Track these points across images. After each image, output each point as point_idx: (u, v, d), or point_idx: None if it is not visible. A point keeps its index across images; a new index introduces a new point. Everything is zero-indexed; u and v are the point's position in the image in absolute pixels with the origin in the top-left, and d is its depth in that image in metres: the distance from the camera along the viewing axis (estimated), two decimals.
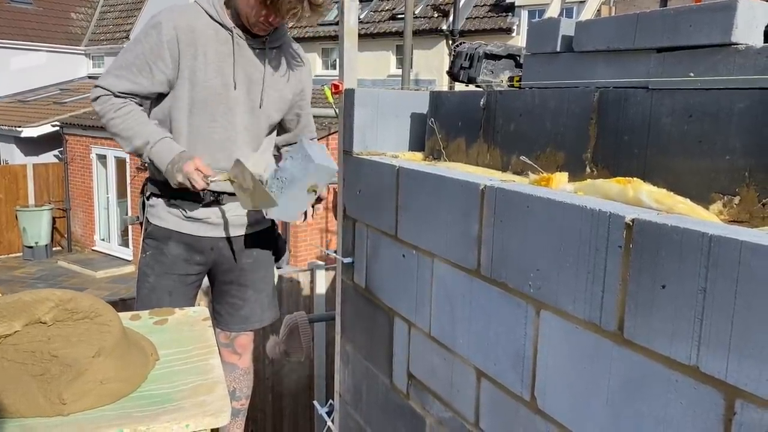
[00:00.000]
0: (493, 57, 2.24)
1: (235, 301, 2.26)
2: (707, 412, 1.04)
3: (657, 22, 1.44)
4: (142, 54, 1.98)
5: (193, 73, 1.99)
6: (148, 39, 2.00)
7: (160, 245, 2.14)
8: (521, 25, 12.71)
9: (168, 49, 1.97)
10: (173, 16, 2.00)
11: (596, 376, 1.26)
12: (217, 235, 2.15)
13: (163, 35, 1.97)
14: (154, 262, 2.15)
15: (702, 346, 1.04)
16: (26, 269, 12.07)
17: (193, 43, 1.99)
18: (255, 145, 2.15)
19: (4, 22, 17.49)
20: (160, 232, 2.13)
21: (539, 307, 1.40)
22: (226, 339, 2.30)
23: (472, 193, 1.60)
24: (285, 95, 2.16)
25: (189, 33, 1.98)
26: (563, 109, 1.63)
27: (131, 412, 1.18)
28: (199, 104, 2.02)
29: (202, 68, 2.00)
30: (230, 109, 2.05)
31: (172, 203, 2.10)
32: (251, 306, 2.28)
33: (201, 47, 1.99)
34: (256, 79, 2.07)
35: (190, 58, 1.99)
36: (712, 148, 1.28)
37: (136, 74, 1.99)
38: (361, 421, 2.38)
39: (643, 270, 1.14)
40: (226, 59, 2.01)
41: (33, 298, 1.23)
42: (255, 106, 2.09)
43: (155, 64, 1.97)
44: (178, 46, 1.98)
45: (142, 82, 1.99)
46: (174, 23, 1.98)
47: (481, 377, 1.62)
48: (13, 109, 15.62)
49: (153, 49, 1.97)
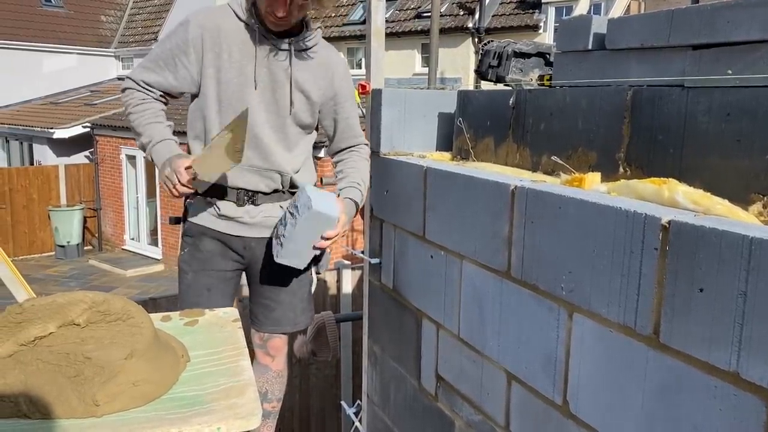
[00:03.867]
0: (522, 55, 2.21)
1: (268, 303, 2.24)
2: (747, 419, 1.01)
3: (693, 19, 1.41)
4: (169, 49, 2.05)
5: (218, 71, 2.03)
6: (176, 36, 2.06)
7: (196, 241, 2.16)
8: (548, 22, 12.57)
9: (192, 46, 2.02)
10: (201, 15, 2.06)
11: (630, 381, 1.23)
12: (249, 234, 2.14)
13: (189, 33, 2.02)
14: (191, 259, 2.18)
15: (742, 352, 1.01)
16: (58, 268, 12.29)
17: (219, 42, 2.02)
18: (286, 145, 2.13)
19: (37, 26, 17.84)
20: (195, 228, 2.16)
21: (572, 310, 1.37)
22: (260, 340, 2.30)
23: (502, 194, 1.58)
24: (313, 99, 2.12)
25: (215, 32, 2.02)
26: (595, 108, 1.60)
27: (163, 414, 1.18)
28: (225, 102, 2.05)
29: (227, 67, 2.03)
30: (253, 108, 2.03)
31: (208, 201, 2.12)
32: (284, 309, 2.25)
33: (226, 46, 2.02)
34: (280, 79, 2.06)
35: (214, 57, 2.02)
36: (751, 148, 1.25)
37: (162, 67, 2.05)
38: (389, 422, 2.38)
39: (679, 273, 1.11)
40: (249, 59, 2.04)
41: (67, 300, 1.24)
42: (281, 106, 2.09)
43: (180, 60, 2.03)
44: (202, 45, 2.02)
45: (167, 76, 2.05)
46: (201, 22, 2.03)
47: (512, 380, 1.60)
48: (45, 110, 15.93)
49: (179, 45, 2.03)
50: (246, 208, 2.11)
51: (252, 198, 2.11)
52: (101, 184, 13.81)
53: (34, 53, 17.50)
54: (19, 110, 16.34)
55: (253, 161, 2.07)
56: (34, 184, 13.13)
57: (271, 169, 2.09)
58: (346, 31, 14.93)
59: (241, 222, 2.13)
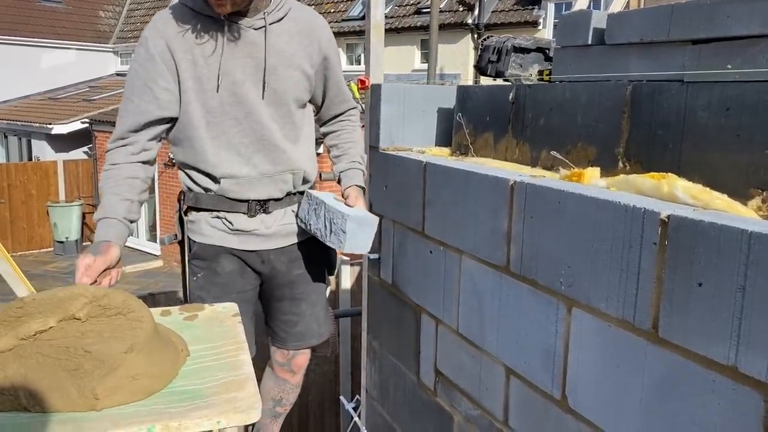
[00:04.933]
0: (522, 50, 2.21)
1: (289, 318, 2.06)
2: (746, 413, 1.02)
3: (692, 13, 1.41)
4: (138, 78, 1.77)
5: (198, 80, 1.78)
6: (138, 60, 1.78)
7: (211, 264, 1.92)
8: (547, 18, 12.56)
9: (162, 62, 1.76)
10: (157, 26, 1.77)
11: (629, 375, 1.24)
12: (267, 247, 1.94)
13: (152, 49, 1.76)
14: (209, 284, 1.93)
15: (741, 346, 1.01)
16: (57, 264, 12.28)
17: (188, 47, 1.76)
18: (293, 136, 1.92)
19: (35, 21, 17.80)
20: (208, 250, 1.92)
21: (571, 305, 1.38)
22: (283, 358, 2.12)
23: (501, 189, 1.58)
24: (307, 71, 1.90)
25: (179, 38, 1.76)
26: (595, 103, 1.60)
27: (162, 408, 1.18)
28: (216, 112, 1.81)
29: (205, 72, 1.78)
30: (250, 106, 1.84)
31: (216, 216, 1.90)
32: (307, 321, 2.07)
33: (198, 49, 1.77)
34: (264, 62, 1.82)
35: (189, 65, 1.77)
36: (751, 142, 1.25)
37: (137, 104, 1.77)
38: (387, 417, 2.38)
39: (678, 268, 1.11)
40: (226, 53, 1.79)
41: (67, 294, 1.24)
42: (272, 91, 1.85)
43: (155, 84, 1.76)
44: (172, 57, 1.76)
45: (148, 108, 1.77)
46: (159, 33, 1.76)
47: (511, 375, 1.61)
48: (44, 106, 15.91)
49: (145, 67, 1.76)
50: (259, 218, 1.91)
51: (264, 206, 1.91)
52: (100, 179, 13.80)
53: (32, 49, 17.46)
54: (18, 106, 16.31)
55: (263, 167, 1.87)
56: (32, 179, 13.12)
57: (284, 170, 1.90)
58: (345, 27, 14.90)
59: (257, 234, 1.92)
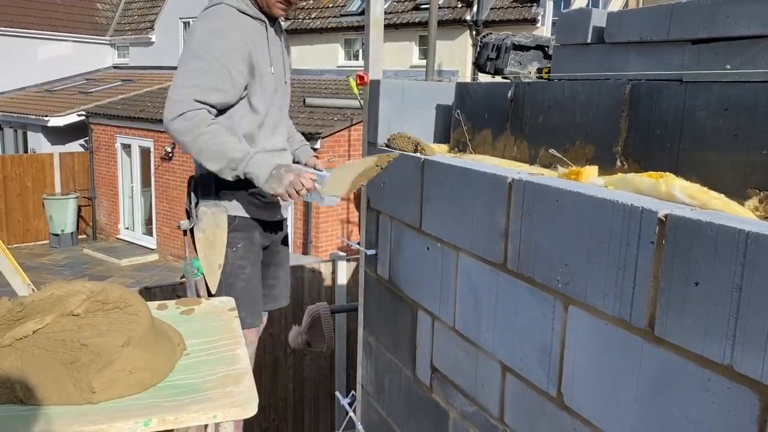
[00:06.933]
0: (521, 48, 2.21)
1: (269, 282, 2.39)
2: (741, 412, 1.02)
3: (693, 13, 1.41)
4: (216, 60, 2.00)
5: (259, 65, 2.14)
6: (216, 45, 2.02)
7: (250, 235, 2.23)
8: (546, 15, 12.55)
9: (238, 51, 2.05)
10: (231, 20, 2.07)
11: (625, 373, 1.24)
12: (280, 217, 2.33)
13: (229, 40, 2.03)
14: (248, 253, 2.24)
15: (737, 345, 1.02)
16: (52, 257, 12.26)
17: (251, 39, 2.11)
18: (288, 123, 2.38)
19: (32, 12, 17.71)
20: (246, 222, 2.22)
21: (567, 303, 1.38)
22: None
23: (499, 186, 1.59)
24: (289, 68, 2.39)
25: (246, 32, 2.10)
26: (593, 102, 1.60)
27: (159, 401, 1.19)
28: (268, 93, 2.19)
29: (262, 60, 2.14)
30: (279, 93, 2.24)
31: (251, 192, 2.20)
32: (281, 285, 2.45)
33: (252, 42, 2.11)
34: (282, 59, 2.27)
35: (255, 53, 2.12)
36: (748, 142, 1.25)
37: (215, 82, 2.00)
38: (383, 412, 2.38)
39: (675, 267, 1.12)
40: (270, 48, 2.18)
41: (65, 291, 1.24)
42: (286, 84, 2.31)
43: (234, 69, 2.03)
44: (246, 46, 2.08)
45: (228, 90, 2.03)
46: (233, 26, 2.07)
47: (506, 372, 1.61)
48: (40, 98, 15.84)
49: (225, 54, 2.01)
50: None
51: None
52: (96, 172, 13.77)
53: (29, 40, 17.37)
54: (14, 98, 16.24)
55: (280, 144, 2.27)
56: (28, 172, 13.08)
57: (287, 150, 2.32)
58: (344, 22, 14.86)
59: (275, 207, 2.29)
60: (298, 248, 9.92)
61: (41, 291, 1.27)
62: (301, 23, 15.37)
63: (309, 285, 5.44)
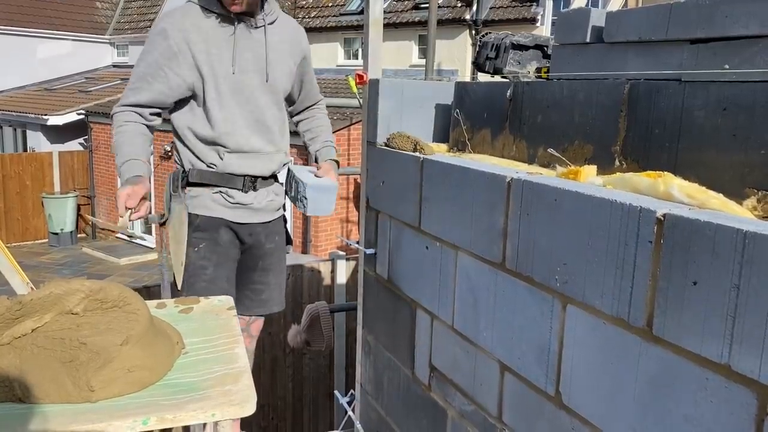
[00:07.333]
0: (520, 47, 2.21)
1: (257, 287, 2.31)
2: (738, 411, 1.02)
3: (691, 13, 1.41)
4: (155, 62, 2.03)
5: (212, 68, 2.05)
6: (157, 46, 2.04)
7: (213, 235, 2.16)
8: (545, 15, 12.56)
9: (179, 51, 2.02)
10: (176, 18, 2.05)
11: (623, 373, 1.24)
12: (256, 220, 2.21)
13: (171, 39, 2.01)
14: (211, 253, 2.16)
15: (734, 345, 1.02)
16: (52, 255, 12.25)
17: (204, 39, 2.04)
18: (280, 121, 2.22)
19: (31, 11, 17.69)
20: (210, 222, 2.15)
21: (565, 302, 1.38)
22: (244, 324, 2.34)
23: (497, 186, 1.59)
24: (291, 66, 2.24)
25: (196, 31, 2.03)
26: (592, 101, 1.60)
27: (158, 400, 1.19)
28: (226, 95, 2.08)
29: (218, 61, 2.05)
30: (252, 93, 2.12)
31: (218, 191, 2.14)
32: (271, 290, 2.35)
33: (212, 41, 2.05)
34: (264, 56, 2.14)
35: (204, 54, 2.04)
36: (747, 142, 1.25)
37: (151, 82, 2.03)
38: (382, 411, 2.39)
39: (673, 266, 1.12)
40: (235, 46, 2.07)
41: (64, 290, 1.24)
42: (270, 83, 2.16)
43: (170, 68, 2.02)
44: (189, 48, 2.02)
45: (160, 89, 2.04)
46: (179, 26, 2.03)
47: (505, 371, 1.61)
48: (39, 97, 15.83)
49: (165, 54, 2.02)
50: (251, 194, 2.17)
51: (254, 184, 2.18)
52: (95, 171, 13.76)
53: (28, 39, 17.35)
54: (13, 96, 16.22)
55: (260, 147, 2.15)
56: (27, 170, 13.07)
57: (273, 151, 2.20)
58: (343, 21, 14.86)
59: (252, 208, 2.18)
60: (297, 247, 9.93)
61: (40, 290, 1.27)
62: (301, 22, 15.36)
63: (308, 284, 5.45)
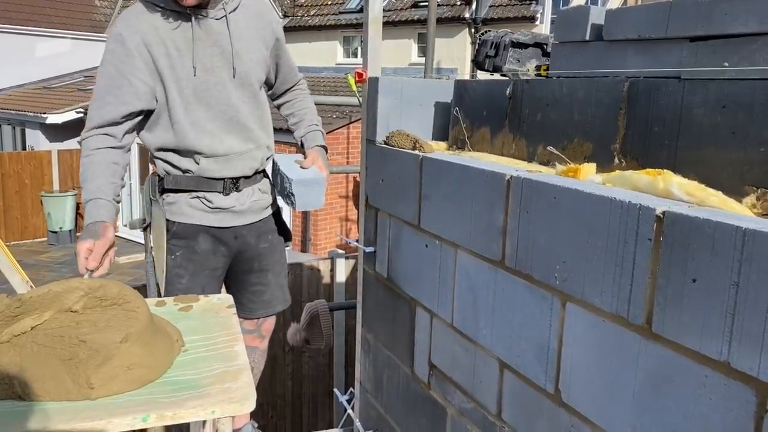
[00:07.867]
0: (520, 45, 2.21)
1: (256, 288, 2.25)
2: (738, 408, 1.03)
3: (690, 11, 1.41)
4: (115, 72, 1.89)
5: (173, 69, 1.92)
6: (114, 54, 1.90)
7: (190, 243, 2.06)
8: (545, 13, 12.56)
9: (139, 56, 1.89)
10: (131, 22, 1.91)
11: (623, 370, 1.24)
12: (240, 223, 2.12)
13: (128, 44, 1.88)
14: (187, 262, 2.07)
15: (733, 342, 1.02)
16: (51, 254, 12.23)
17: (161, 41, 1.90)
18: (258, 116, 2.12)
19: (30, 9, 17.67)
20: (187, 229, 2.05)
21: (565, 300, 1.38)
22: (253, 326, 2.30)
23: (497, 184, 1.59)
24: (263, 53, 2.10)
25: (153, 32, 1.90)
26: (592, 99, 1.60)
27: (158, 397, 1.19)
28: (191, 98, 1.95)
29: (179, 61, 1.92)
30: (221, 91, 1.99)
31: (195, 196, 2.04)
32: (273, 290, 2.29)
33: (170, 42, 1.91)
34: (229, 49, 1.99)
35: (164, 56, 1.91)
36: (746, 140, 1.25)
37: (117, 95, 1.89)
38: (381, 409, 2.39)
39: (673, 263, 1.12)
40: (196, 43, 1.93)
41: (63, 288, 1.25)
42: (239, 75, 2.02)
43: (132, 75, 1.88)
44: (148, 50, 1.89)
45: (127, 99, 1.90)
46: (133, 28, 1.89)
47: (504, 369, 1.61)
48: (38, 95, 15.81)
49: (124, 61, 1.88)
50: (233, 195, 2.08)
51: (236, 184, 2.08)
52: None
53: (26, 37, 17.33)
54: (12, 95, 16.21)
55: (236, 146, 2.05)
56: (26, 169, 13.05)
57: (253, 148, 2.10)
58: (342, 20, 14.86)
59: (234, 212, 2.08)
60: (296, 246, 9.93)
61: (39, 288, 1.27)
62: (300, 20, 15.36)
63: (308, 282, 5.45)
